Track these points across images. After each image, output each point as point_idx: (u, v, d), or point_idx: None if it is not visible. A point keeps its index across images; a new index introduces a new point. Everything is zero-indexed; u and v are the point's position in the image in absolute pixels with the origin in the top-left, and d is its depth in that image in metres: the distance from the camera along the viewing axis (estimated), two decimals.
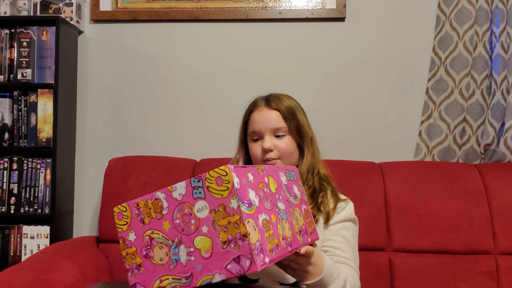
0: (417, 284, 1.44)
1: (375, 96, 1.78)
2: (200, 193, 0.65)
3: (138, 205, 0.72)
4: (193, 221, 0.66)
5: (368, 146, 1.77)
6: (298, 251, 0.78)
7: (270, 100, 1.11)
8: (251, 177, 0.67)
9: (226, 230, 0.62)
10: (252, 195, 0.65)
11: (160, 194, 0.70)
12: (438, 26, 1.73)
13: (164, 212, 0.69)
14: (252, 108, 1.13)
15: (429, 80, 1.74)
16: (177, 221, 0.68)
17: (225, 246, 0.62)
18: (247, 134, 1.14)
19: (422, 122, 1.74)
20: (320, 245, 1.01)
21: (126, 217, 0.73)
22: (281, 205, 0.73)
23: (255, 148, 1.10)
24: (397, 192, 1.51)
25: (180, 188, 0.68)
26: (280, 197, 0.74)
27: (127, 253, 0.73)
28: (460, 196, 1.49)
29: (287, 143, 1.09)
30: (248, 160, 1.16)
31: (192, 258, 0.66)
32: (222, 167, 0.63)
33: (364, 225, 1.15)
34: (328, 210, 1.04)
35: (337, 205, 1.06)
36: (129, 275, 0.73)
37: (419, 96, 1.76)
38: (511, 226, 1.47)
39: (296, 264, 0.81)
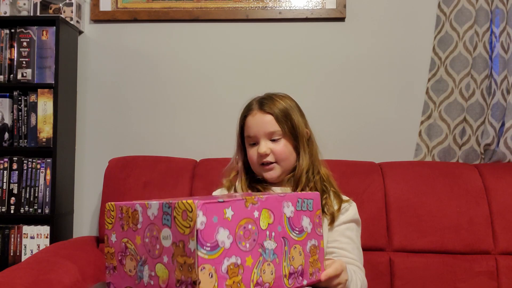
0: (417, 284, 1.44)
1: (375, 96, 1.78)
2: (168, 220, 0.61)
3: (121, 210, 0.71)
4: (158, 246, 0.63)
5: (368, 146, 1.77)
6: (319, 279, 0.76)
7: (263, 104, 1.10)
8: (229, 213, 0.60)
9: (181, 269, 0.58)
10: (222, 235, 0.59)
11: (138, 207, 0.67)
12: (438, 26, 1.73)
13: (139, 226, 0.67)
14: (246, 112, 1.12)
15: (429, 80, 1.74)
16: (147, 240, 0.65)
17: (178, 285, 0.59)
18: (244, 138, 1.14)
19: (422, 122, 1.74)
20: (324, 246, 1.02)
21: (112, 217, 0.73)
22: (269, 244, 0.66)
23: (252, 153, 1.11)
24: (397, 192, 1.51)
25: (153, 208, 0.64)
26: (273, 233, 0.67)
27: (108, 252, 0.73)
28: (460, 196, 1.49)
29: (282, 146, 1.09)
30: (248, 162, 1.16)
31: (152, 282, 0.64)
32: (189, 201, 0.58)
33: (364, 225, 1.16)
34: (332, 211, 1.04)
35: (341, 206, 1.07)
36: (107, 272, 0.73)
37: (419, 96, 1.76)
38: (511, 226, 1.47)
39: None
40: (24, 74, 1.69)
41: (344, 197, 1.11)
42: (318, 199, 0.77)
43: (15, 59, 1.70)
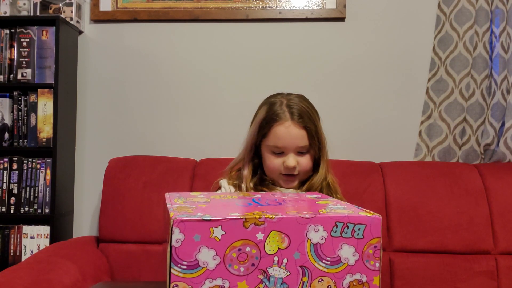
0: (417, 284, 1.44)
1: (375, 96, 1.78)
2: (166, 228, 0.58)
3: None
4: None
5: (368, 146, 1.77)
6: None
7: (294, 114, 1.06)
8: (217, 233, 0.54)
9: (166, 280, 0.56)
10: (206, 255, 0.54)
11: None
12: (438, 26, 1.73)
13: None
14: (275, 119, 1.07)
15: (429, 80, 1.74)
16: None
17: None
18: (264, 143, 1.10)
19: (422, 122, 1.74)
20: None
21: None
22: (277, 272, 0.57)
23: (276, 162, 1.08)
24: (397, 192, 1.51)
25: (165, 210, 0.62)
26: (285, 260, 0.57)
27: None
28: (460, 196, 1.49)
29: (308, 160, 1.09)
30: (259, 164, 1.14)
31: None
32: (171, 214, 0.55)
33: None
34: None
35: None
36: None
37: (419, 96, 1.76)
38: (511, 226, 1.47)
39: None
40: (24, 74, 1.69)
41: None
42: (378, 224, 0.59)
43: (15, 59, 1.70)
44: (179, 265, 0.53)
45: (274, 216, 0.56)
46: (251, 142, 1.11)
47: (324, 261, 0.58)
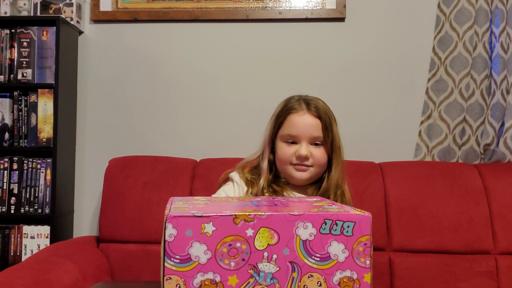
0: (417, 284, 1.44)
1: (375, 96, 1.78)
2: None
3: None
4: None
5: (368, 146, 1.77)
6: None
7: (311, 105, 1.09)
8: (208, 229, 0.56)
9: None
10: (197, 250, 0.56)
11: None
12: (438, 26, 1.73)
13: None
14: (290, 109, 1.10)
15: (429, 80, 1.74)
16: None
17: None
18: (278, 134, 1.12)
19: (422, 122, 1.75)
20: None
21: None
22: (267, 267, 0.58)
23: (288, 151, 1.09)
24: (397, 192, 1.52)
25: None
26: (274, 256, 0.58)
27: None
28: (460, 196, 1.50)
29: (322, 153, 1.09)
30: (273, 158, 1.14)
31: None
32: (166, 211, 0.58)
33: None
34: None
35: None
36: None
37: (419, 96, 1.76)
38: (511, 226, 1.47)
39: None
40: (25, 74, 1.69)
41: None
42: (367, 222, 0.60)
43: (16, 59, 1.70)
44: (172, 259, 0.56)
45: (263, 213, 0.58)
46: (269, 135, 1.13)
47: (313, 257, 0.59)
